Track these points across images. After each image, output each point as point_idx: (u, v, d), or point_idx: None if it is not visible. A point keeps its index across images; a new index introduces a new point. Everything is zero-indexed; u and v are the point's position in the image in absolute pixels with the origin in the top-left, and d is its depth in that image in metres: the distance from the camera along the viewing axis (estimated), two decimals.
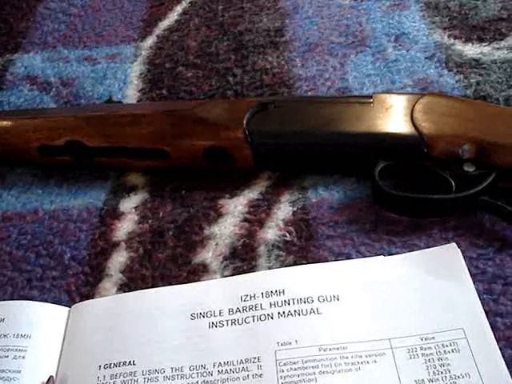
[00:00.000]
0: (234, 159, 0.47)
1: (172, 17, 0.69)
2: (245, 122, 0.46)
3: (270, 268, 0.42)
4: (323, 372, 0.35)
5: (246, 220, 0.46)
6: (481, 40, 0.60)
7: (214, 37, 0.65)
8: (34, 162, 0.51)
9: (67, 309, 0.40)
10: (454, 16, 0.63)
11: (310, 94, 0.56)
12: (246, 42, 0.63)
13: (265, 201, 0.47)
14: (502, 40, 0.59)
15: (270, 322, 0.38)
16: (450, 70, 0.57)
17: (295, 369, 0.35)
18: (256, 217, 0.46)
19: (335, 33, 0.63)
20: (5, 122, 0.50)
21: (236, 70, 0.60)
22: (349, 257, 0.42)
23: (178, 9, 0.70)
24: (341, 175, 0.48)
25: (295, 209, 0.46)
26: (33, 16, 0.72)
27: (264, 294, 0.39)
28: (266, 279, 0.40)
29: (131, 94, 0.59)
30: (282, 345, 0.37)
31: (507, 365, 0.35)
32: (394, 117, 0.45)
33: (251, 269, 0.42)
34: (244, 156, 0.46)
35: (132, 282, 0.42)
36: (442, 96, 0.48)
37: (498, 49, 0.58)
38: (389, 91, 0.54)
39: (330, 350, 0.36)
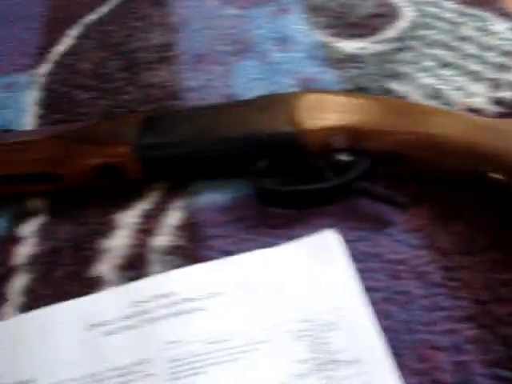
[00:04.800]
0: (124, 174, 0.48)
1: (67, 41, 0.70)
2: (131, 136, 0.48)
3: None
4: (211, 364, 0.37)
5: (138, 230, 0.47)
6: (358, 36, 0.63)
7: (108, 57, 0.67)
8: None
9: None
10: (333, 16, 0.67)
11: (201, 103, 0.58)
12: (137, 60, 0.65)
13: (156, 210, 0.49)
14: (376, 35, 0.63)
15: (158, 323, 0.40)
16: (331, 67, 0.60)
17: (185, 364, 0.37)
18: (148, 226, 0.48)
19: (222, 42, 0.66)
20: None
21: (129, 88, 0.62)
22: (235, 253, 0.44)
23: (73, 33, 0.71)
24: (228, 178, 0.50)
25: (184, 214, 0.48)
26: None
27: (154, 298, 0.41)
28: (155, 283, 0.42)
29: (30, 121, 0.60)
30: (171, 343, 0.39)
31: (385, 331, 0.38)
32: (273, 116, 0.48)
33: (146, 276, 0.44)
34: (133, 170, 0.48)
35: (33, 302, 0.44)
36: (320, 91, 0.51)
37: (373, 43, 0.62)
38: (272, 93, 0.57)
39: (215, 343, 0.38)
